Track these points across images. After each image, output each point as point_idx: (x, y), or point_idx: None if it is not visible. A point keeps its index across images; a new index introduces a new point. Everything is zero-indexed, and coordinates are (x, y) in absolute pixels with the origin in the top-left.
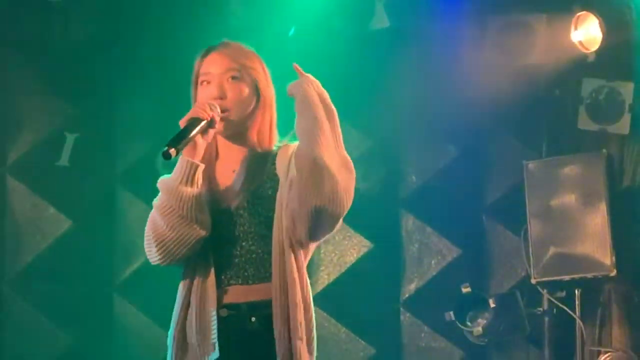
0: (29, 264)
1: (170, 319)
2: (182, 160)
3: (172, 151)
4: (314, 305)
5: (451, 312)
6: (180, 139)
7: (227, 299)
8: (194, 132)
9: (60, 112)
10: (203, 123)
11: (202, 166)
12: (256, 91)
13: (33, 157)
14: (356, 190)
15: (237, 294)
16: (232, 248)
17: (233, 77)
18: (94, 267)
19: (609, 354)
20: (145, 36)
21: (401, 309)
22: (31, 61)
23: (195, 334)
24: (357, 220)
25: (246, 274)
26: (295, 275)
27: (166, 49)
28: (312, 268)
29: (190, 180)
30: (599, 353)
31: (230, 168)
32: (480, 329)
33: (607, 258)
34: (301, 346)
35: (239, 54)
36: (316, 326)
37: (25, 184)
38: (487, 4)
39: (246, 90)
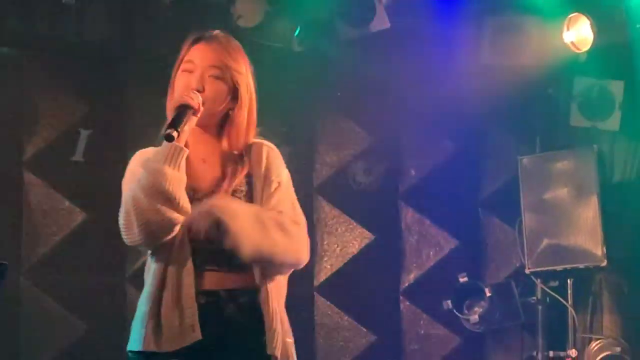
0: (45, 255)
1: None
2: (168, 145)
3: (175, 133)
4: (318, 295)
5: (449, 301)
6: (179, 122)
7: (205, 285)
8: (186, 117)
9: (74, 109)
10: (191, 110)
11: (187, 151)
12: (234, 93)
13: (49, 152)
14: (357, 183)
15: (213, 280)
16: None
17: (215, 76)
18: (107, 257)
19: (600, 341)
20: (156, 35)
21: (401, 297)
22: (47, 61)
23: (178, 317)
24: (358, 213)
25: (221, 261)
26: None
27: (177, 47)
28: (315, 259)
29: (176, 163)
30: (590, 340)
31: (198, 157)
32: (476, 316)
33: (598, 249)
34: (272, 334)
35: (226, 52)
36: (320, 314)
37: (41, 178)
38: (484, 6)
39: (224, 91)
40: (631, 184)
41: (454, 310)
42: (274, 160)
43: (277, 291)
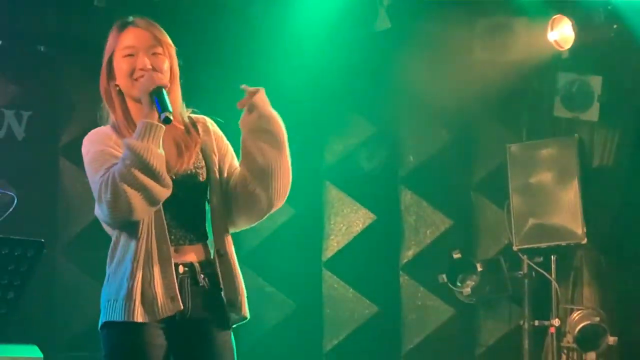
0: (77, 234)
1: None
2: (146, 124)
3: (171, 115)
4: (326, 269)
5: (444, 275)
6: (166, 102)
7: (179, 258)
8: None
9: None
10: (166, 88)
11: (164, 128)
12: (169, 66)
13: (81, 140)
14: (361, 169)
15: (186, 253)
16: (176, 210)
17: (157, 53)
18: None
19: (581, 311)
20: (177, 35)
21: (400, 272)
22: (80, 58)
23: (162, 289)
24: (362, 195)
25: (192, 236)
26: (230, 237)
27: (195, 47)
28: (322, 237)
29: (157, 141)
30: (571, 310)
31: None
32: (469, 289)
33: (578, 228)
34: (243, 298)
35: (157, 30)
36: (328, 287)
37: (75, 164)
38: (475, 8)
39: (166, 64)
40: (609, 169)
41: (449, 284)
42: (217, 128)
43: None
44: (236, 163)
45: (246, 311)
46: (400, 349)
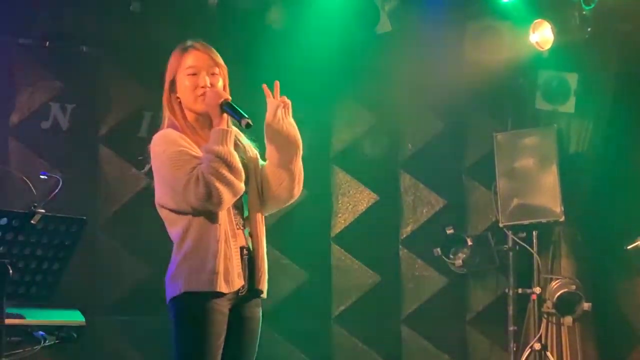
0: (115, 212)
1: None
2: (222, 130)
3: (250, 120)
4: (334, 244)
5: (438, 249)
6: (241, 112)
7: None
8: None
9: (139, 95)
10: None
11: (234, 132)
12: (222, 85)
13: (119, 130)
14: (365, 155)
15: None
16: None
17: (213, 74)
18: None
19: (559, 280)
20: (205, 36)
21: (400, 246)
22: (117, 57)
23: (234, 266)
24: (366, 178)
25: (241, 220)
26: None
27: (220, 48)
28: (331, 215)
29: (232, 143)
30: (551, 280)
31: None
32: (460, 261)
33: (557, 207)
34: (264, 277)
35: (215, 55)
36: (336, 259)
37: (113, 150)
38: (466, 13)
39: (220, 82)
40: (583, 155)
41: (443, 256)
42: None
43: None
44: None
45: (264, 286)
46: (399, 314)
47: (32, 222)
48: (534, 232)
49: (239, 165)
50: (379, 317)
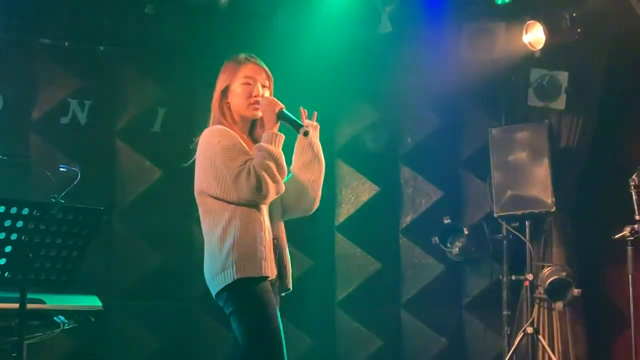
0: (131, 202)
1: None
2: (275, 134)
3: (307, 128)
4: (338, 233)
5: (436, 237)
6: (299, 120)
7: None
8: None
9: (153, 92)
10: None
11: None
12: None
13: (134, 125)
14: (367, 148)
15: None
16: None
17: (264, 86)
18: (177, 204)
19: (550, 267)
20: (215, 37)
21: (400, 235)
22: (133, 55)
23: (273, 254)
24: (368, 171)
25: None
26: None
27: (230, 47)
28: (335, 206)
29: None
30: (542, 267)
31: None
32: (457, 249)
33: (548, 198)
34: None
35: (267, 70)
36: (339, 247)
37: (129, 144)
38: (463, 14)
39: (267, 94)
40: (573, 149)
41: (440, 245)
42: None
43: None
44: None
45: (289, 283)
46: (399, 299)
47: (52, 212)
48: (526, 222)
49: (285, 167)
50: (380, 302)
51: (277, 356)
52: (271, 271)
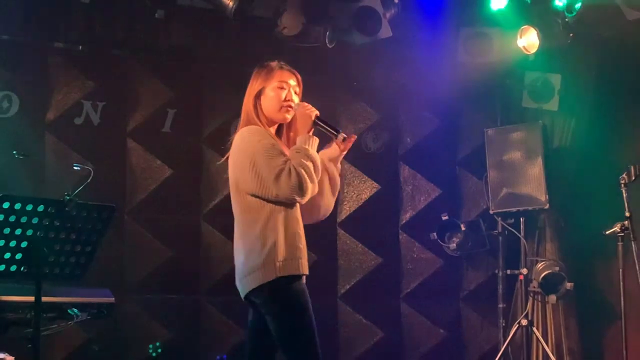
0: (142, 200)
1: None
2: (311, 137)
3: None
4: (340, 229)
5: (435, 233)
6: (336, 127)
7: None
8: None
9: (164, 94)
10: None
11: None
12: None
13: (145, 125)
14: (368, 148)
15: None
16: None
17: (296, 92)
18: (187, 201)
19: (544, 262)
20: (222, 42)
21: (400, 231)
22: (144, 59)
23: (305, 250)
24: (369, 169)
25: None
26: None
27: (237, 52)
28: (337, 203)
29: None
30: (536, 262)
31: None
32: (454, 245)
33: (542, 196)
34: None
35: (298, 76)
36: (341, 243)
37: (140, 144)
38: (460, 20)
39: (297, 99)
40: (566, 149)
41: (438, 240)
42: None
43: None
44: None
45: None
46: (399, 292)
47: (66, 209)
48: (521, 219)
49: (320, 168)
50: (381, 295)
51: (313, 353)
52: (306, 268)
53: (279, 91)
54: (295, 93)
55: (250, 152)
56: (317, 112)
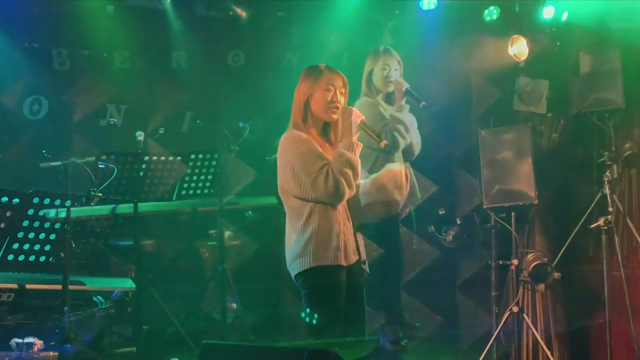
0: (160, 196)
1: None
2: (355, 143)
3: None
4: None
5: (432, 226)
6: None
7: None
8: None
9: (182, 98)
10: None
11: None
12: (345, 101)
13: (164, 126)
14: (372, 148)
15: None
16: None
17: (342, 93)
18: (203, 195)
19: (533, 253)
20: (236, 48)
21: (400, 224)
22: (162, 66)
23: (351, 244)
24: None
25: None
26: None
27: (250, 55)
28: None
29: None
30: (526, 253)
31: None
32: (450, 237)
33: (532, 192)
34: None
35: (344, 78)
36: None
37: (159, 143)
38: (455, 29)
39: (343, 100)
40: (554, 149)
41: (436, 233)
42: None
43: None
44: None
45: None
46: (399, 282)
47: (91, 204)
48: (512, 213)
49: (360, 173)
50: (382, 285)
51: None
52: (347, 259)
53: (327, 93)
54: (341, 94)
55: (289, 158)
56: (363, 117)
